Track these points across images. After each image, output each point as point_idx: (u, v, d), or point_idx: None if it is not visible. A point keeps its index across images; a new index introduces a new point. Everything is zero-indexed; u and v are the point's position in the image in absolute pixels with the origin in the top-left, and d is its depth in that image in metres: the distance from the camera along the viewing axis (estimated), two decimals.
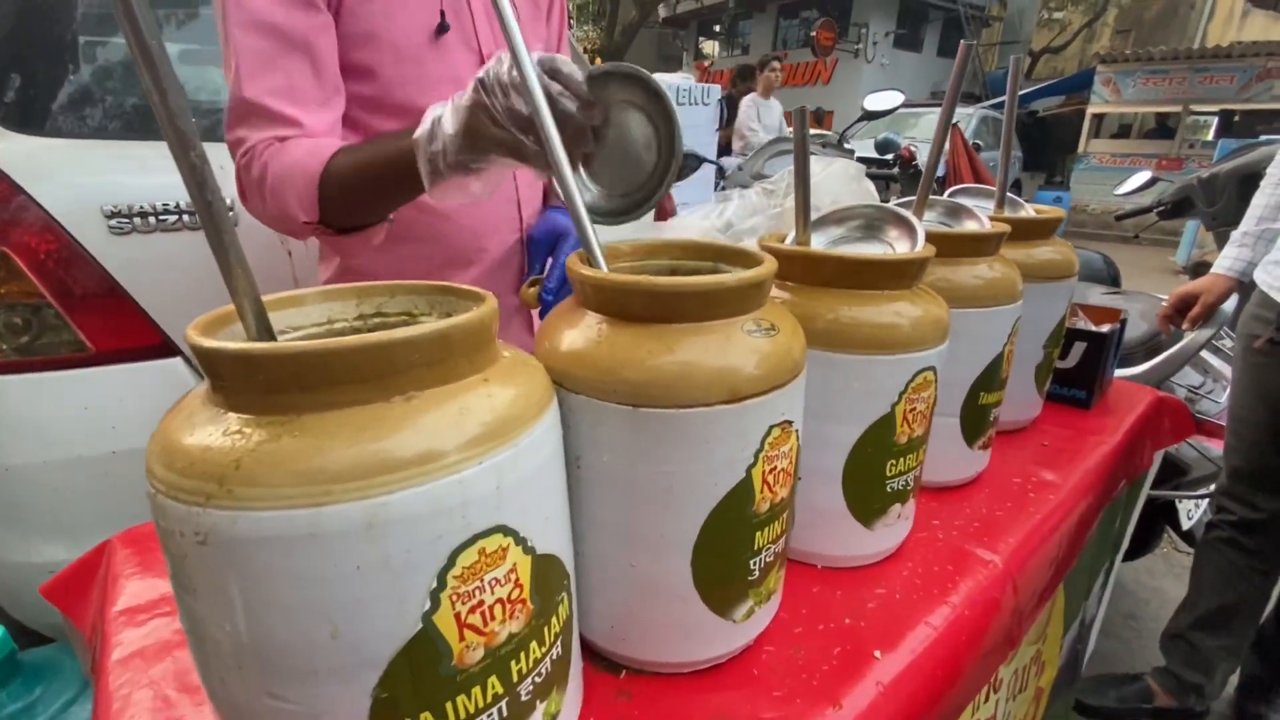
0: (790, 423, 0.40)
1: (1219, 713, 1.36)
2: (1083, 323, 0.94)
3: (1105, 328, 0.90)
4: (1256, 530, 1.17)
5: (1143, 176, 2.55)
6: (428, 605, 0.27)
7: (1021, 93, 9.44)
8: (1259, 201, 1.20)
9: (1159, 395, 0.97)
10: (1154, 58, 9.48)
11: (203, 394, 0.30)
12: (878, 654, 0.47)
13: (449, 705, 0.29)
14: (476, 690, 0.29)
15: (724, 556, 0.40)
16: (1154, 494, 1.27)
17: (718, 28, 17.38)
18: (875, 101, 2.39)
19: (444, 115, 0.51)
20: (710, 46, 18.21)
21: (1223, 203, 2.07)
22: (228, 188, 0.60)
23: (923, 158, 6.88)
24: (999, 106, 10.95)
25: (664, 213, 1.81)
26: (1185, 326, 1.27)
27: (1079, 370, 0.89)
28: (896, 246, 0.56)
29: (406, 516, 0.26)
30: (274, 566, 0.25)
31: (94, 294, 0.93)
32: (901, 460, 0.53)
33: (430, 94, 0.65)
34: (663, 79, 3.62)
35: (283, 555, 0.25)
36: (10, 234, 0.89)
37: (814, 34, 13.78)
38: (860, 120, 2.63)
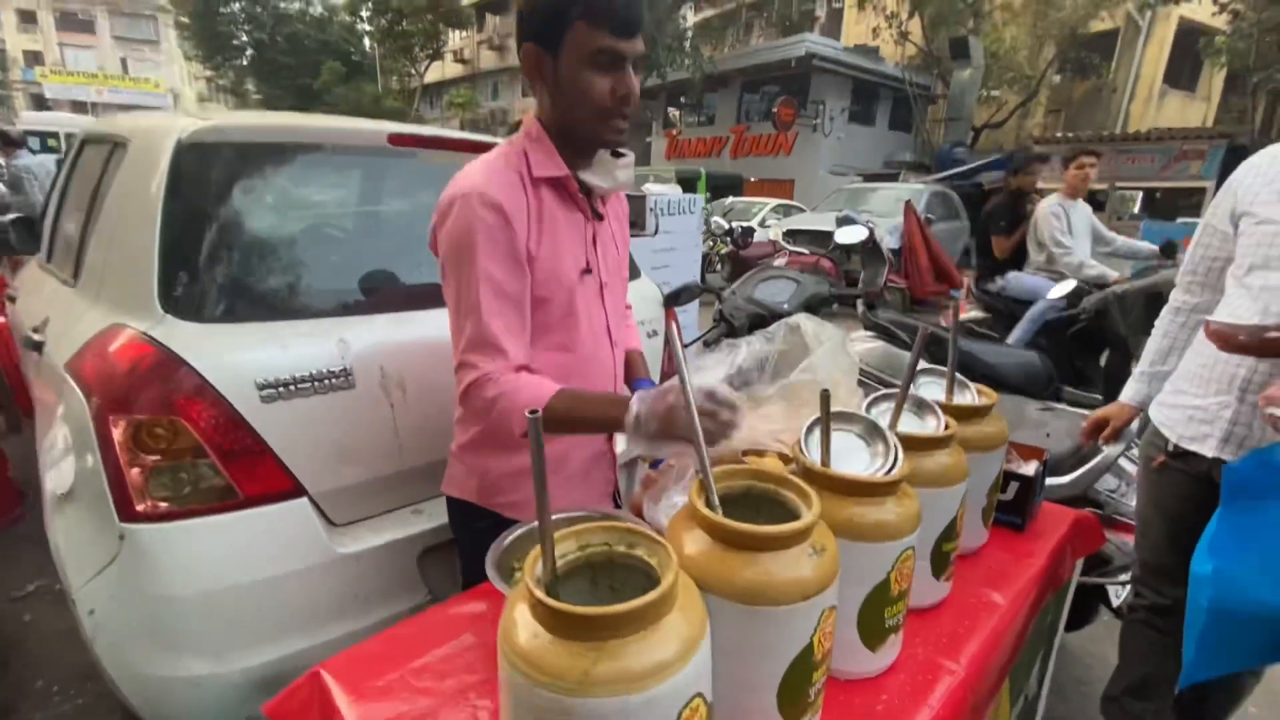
0: (834, 607, 0.66)
1: None
2: (1015, 462, 1.24)
3: (1032, 469, 1.20)
4: (1166, 613, 1.47)
5: (1067, 285, 2.98)
6: None
7: (968, 166, 10.27)
8: (1151, 345, 1.54)
9: (1076, 515, 1.27)
10: (1083, 140, 10.49)
11: (527, 614, 0.54)
12: None
13: None
14: None
15: (795, 690, 0.66)
16: (1084, 580, 1.56)
17: (684, 99, 18.46)
18: (845, 235, 2.77)
19: (643, 414, 0.86)
20: (677, 116, 19.28)
21: (1134, 315, 2.49)
22: None
23: (880, 231, 7.41)
24: (946, 180, 11.88)
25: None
26: (1100, 443, 1.60)
27: (1014, 502, 1.18)
28: (881, 449, 0.85)
29: (667, 695, 0.51)
30: None
31: (246, 451, 1.16)
32: (895, 606, 0.79)
33: (579, 310, 1.03)
34: (651, 189, 4.01)
35: None
36: (182, 405, 1.13)
37: (776, 110, 14.78)
38: (834, 249, 3.01)
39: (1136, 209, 11.19)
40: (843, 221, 7.51)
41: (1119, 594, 1.74)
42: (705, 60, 14.52)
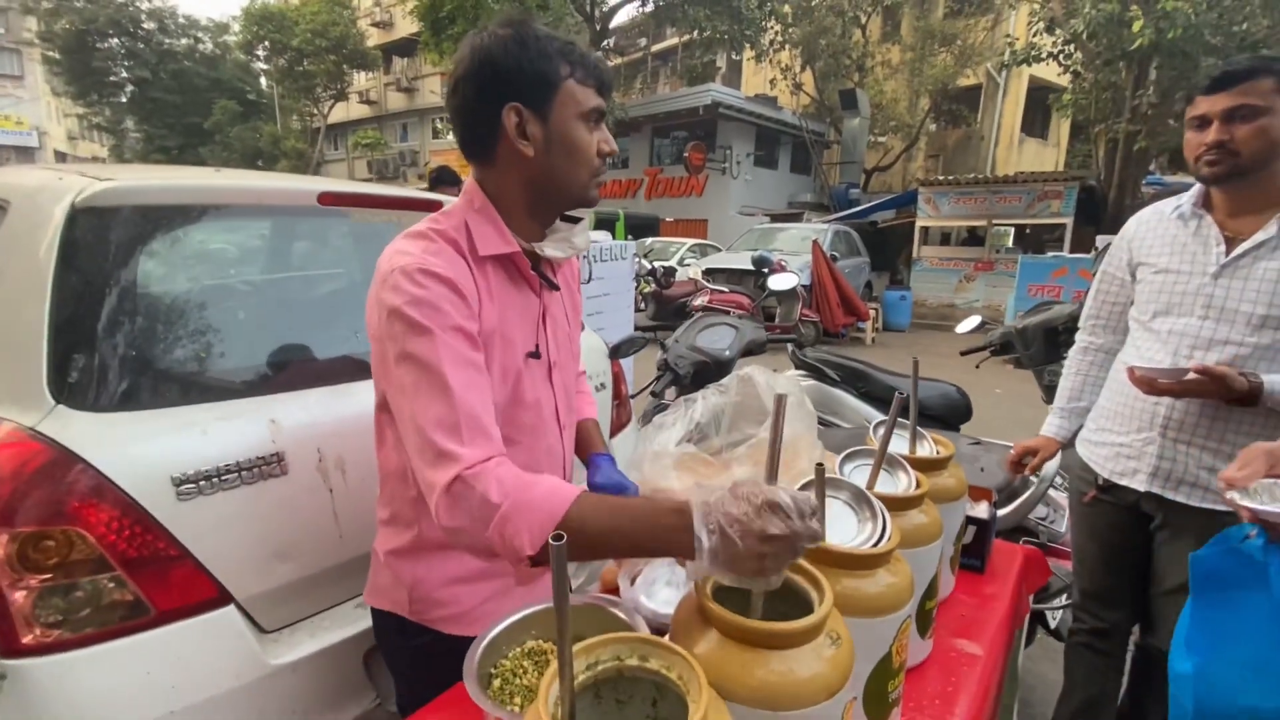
0: (855, 698, 0.64)
1: None
2: (970, 507, 1.28)
3: (985, 511, 1.25)
4: (1105, 636, 1.56)
5: (974, 321, 3.23)
6: None
7: (862, 207, 11.08)
8: (1064, 384, 1.67)
9: (1025, 551, 1.33)
10: (960, 182, 11.57)
11: None
12: None
13: None
14: None
15: None
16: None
17: None
18: (777, 283, 2.89)
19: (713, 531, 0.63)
20: None
21: (1034, 348, 2.71)
22: None
23: (790, 268, 7.78)
24: (846, 219, 12.73)
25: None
26: (1027, 474, 1.70)
27: (973, 545, 1.22)
28: (868, 515, 0.85)
29: None
30: None
31: (159, 558, 1.01)
32: (896, 678, 0.78)
33: (525, 397, 0.93)
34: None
35: None
36: (78, 510, 0.97)
37: (687, 154, 15.38)
38: (768, 295, 3.13)
39: (1010, 243, 12.49)
40: (759, 262, 7.86)
41: (1055, 616, 1.83)
42: (617, 106, 14.95)
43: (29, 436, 0.98)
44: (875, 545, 0.78)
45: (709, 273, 9.05)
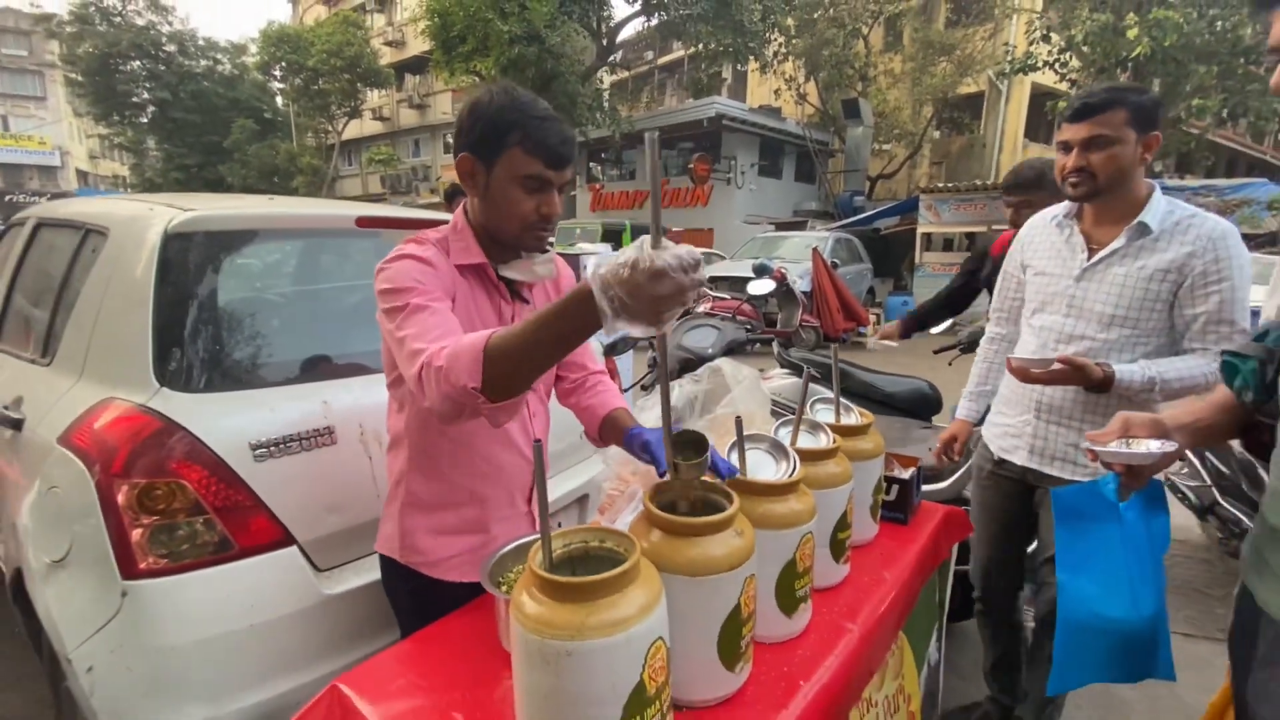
0: (754, 576, 0.90)
1: None
2: (896, 469, 1.53)
3: (908, 473, 1.50)
4: (1000, 602, 1.81)
5: (946, 322, 3.47)
6: (641, 670, 0.73)
7: (865, 214, 11.22)
8: (974, 371, 1.89)
9: (946, 510, 1.58)
10: (960, 189, 11.78)
11: (534, 591, 0.75)
12: (802, 683, 0.96)
13: (648, 710, 0.74)
14: (655, 704, 0.75)
15: (731, 640, 0.88)
16: (962, 569, 1.88)
17: (605, 155, 19.28)
18: (756, 288, 3.15)
19: (608, 278, 0.70)
20: (599, 170, 20.08)
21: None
22: None
23: (792, 275, 7.99)
24: (849, 227, 12.96)
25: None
26: (955, 458, 1.93)
27: (896, 501, 1.48)
28: (783, 459, 1.11)
29: (639, 635, 0.72)
30: (594, 664, 0.70)
31: (242, 506, 1.29)
32: (802, 579, 1.04)
33: None
34: (584, 248, 4.30)
35: (601, 656, 0.70)
36: (183, 467, 1.25)
37: (692, 166, 15.69)
38: (748, 300, 3.39)
39: None
40: (759, 270, 8.08)
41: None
42: (623, 119, 15.33)
43: (141, 411, 1.27)
44: (786, 479, 1.04)
45: (712, 280, 9.31)
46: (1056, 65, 10.69)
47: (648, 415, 1.62)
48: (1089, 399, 1.50)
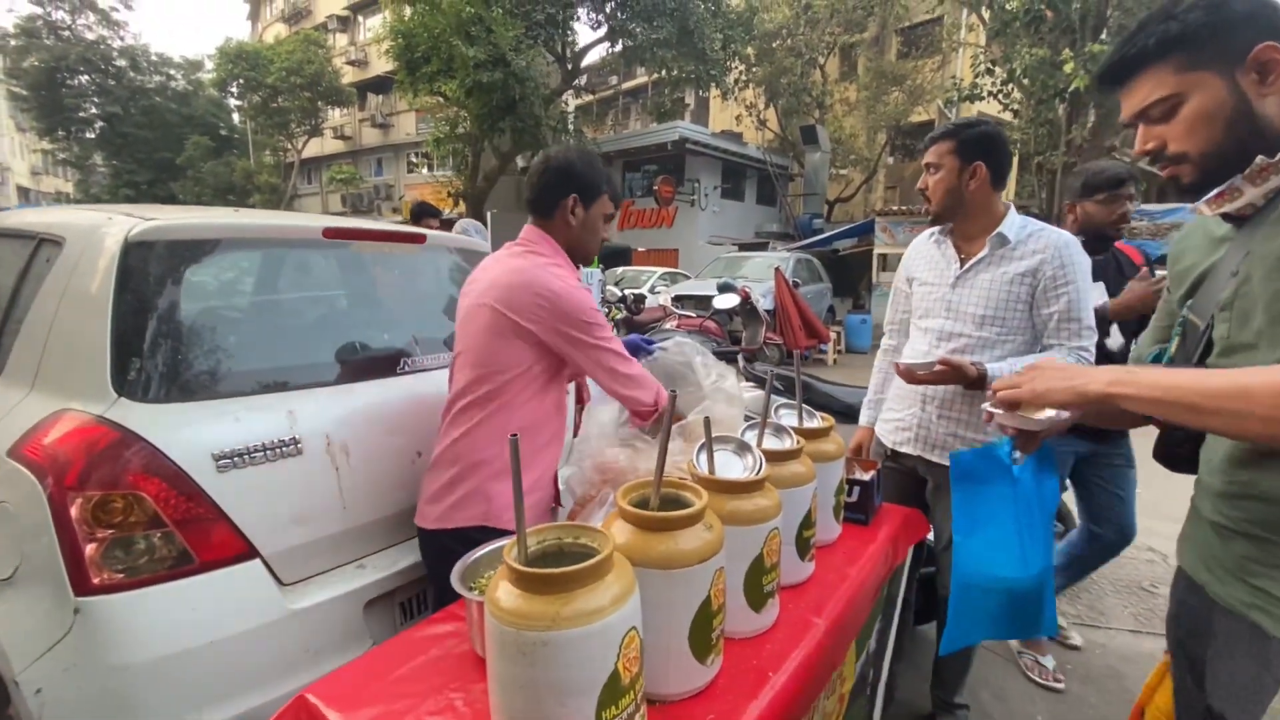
0: (723, 569, 0.93)
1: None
2: (857, 472, 1.59)
3: (869, 475, 1.56)
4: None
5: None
6: (615, 659, 0.75)
7: (824, 236, 11.50)
8: (872, 381, 2.02)
9: (906, 511, 1.64)
10: (914, 212, 12.25)
11: (509, 585, 0.76)
12: (771, 674, 0.98)
13: (622, 700, 0.76)
14: (629, 694, 0.77)
15: (702, 632, 0.91)
16: (927, 571, 1.94)
17: None
18: (722, 302, 3.23)
19: None
20: None
21: None
22: None
23: (755, 294, 8.16)
24: (808, 247, 13.32)
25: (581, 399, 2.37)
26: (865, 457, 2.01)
27: (858, 503, 1.53)
28: (750, 459, 1.15)
29: (612, 625, 0.74)
30: (569, 654, 0.72)
31: (203, 518, 1.26)
32: (769, 575, 1.07)
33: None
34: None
35: (576, 645, 0.72)
36: (140, 479, 1.22)
37: (656, 188, 15.94)
38: (713, 315, 3.47)
39: None
40: (723, 288, 8.28)
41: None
42: (589, 141, 15.50)
43: (97, 422, 1.24)
44: (752, 476, 1.08)
45: (678, 299, 9.43)
46: (1000, 96, 11.29)
47: (601, 409, 1.64)
48: (963, 394, 1.67)
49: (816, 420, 1.46)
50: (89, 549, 1.18)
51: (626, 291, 9.07)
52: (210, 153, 24.32)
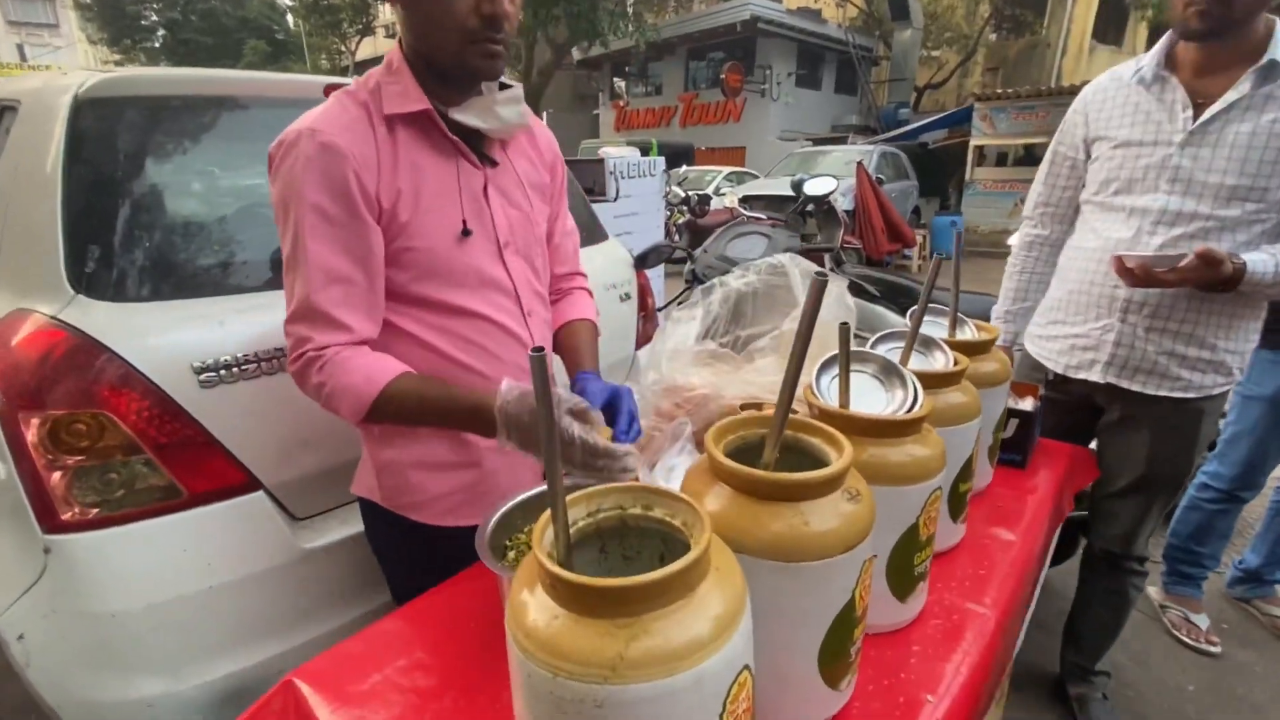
0: (875, 556, 0.60)
1: None
2: (1013, 399, 1.21)
3: (1030, 405, 1.17)
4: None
5: None
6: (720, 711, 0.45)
7: (911, 127, 10.37)
8: (1009, 285, 1.52)
9: (1071, 449, 1.25)
10: (1021, 95, 10.71)
11: (541, 595, 0.46)
12: (928, 697, 0.67)
13: None
14: None
15: (837, 650, 0.60)
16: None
17: (629, 69, 18.10)
18: (814, 187, 2.72)
19: (510, 412, 0.75)
20: (623, 87, 18.93)
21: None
22: None
23: (838, 190, 7.39)
24: (893, 140, 12.02)
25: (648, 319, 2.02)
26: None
27: (1015, 440, 1.15)
28: (900, 389, 0.79)
29: (716, 671, 0.44)
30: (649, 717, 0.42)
31: (188, 443, 1.03)
32: (923, 551, 0.74)
33: (461, 281, 0.86)
34: (609, 152, 3.88)
35: (652, 708, 0.42)
36: (107, 396, 0.99)
37: (724, 76, 14.63)
38: (801, 203, 2.97)
39: None
40: (797, 185, 7.54)
41: None
42: (648, 27, 14.20)
43: (52, 324, 0.99)
44: (907, 413, 0.73)
45: (746, 200, 8.72)
46: None
47: (682, 329, 1.30)
48: (1194, 296, 1.17)
49: (968, 329, 1.07)
50: (53, 479, 0.97)
51: (690, 193, 8.45)
52: (267, 58, 23.99)
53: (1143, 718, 1.61)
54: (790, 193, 8.25)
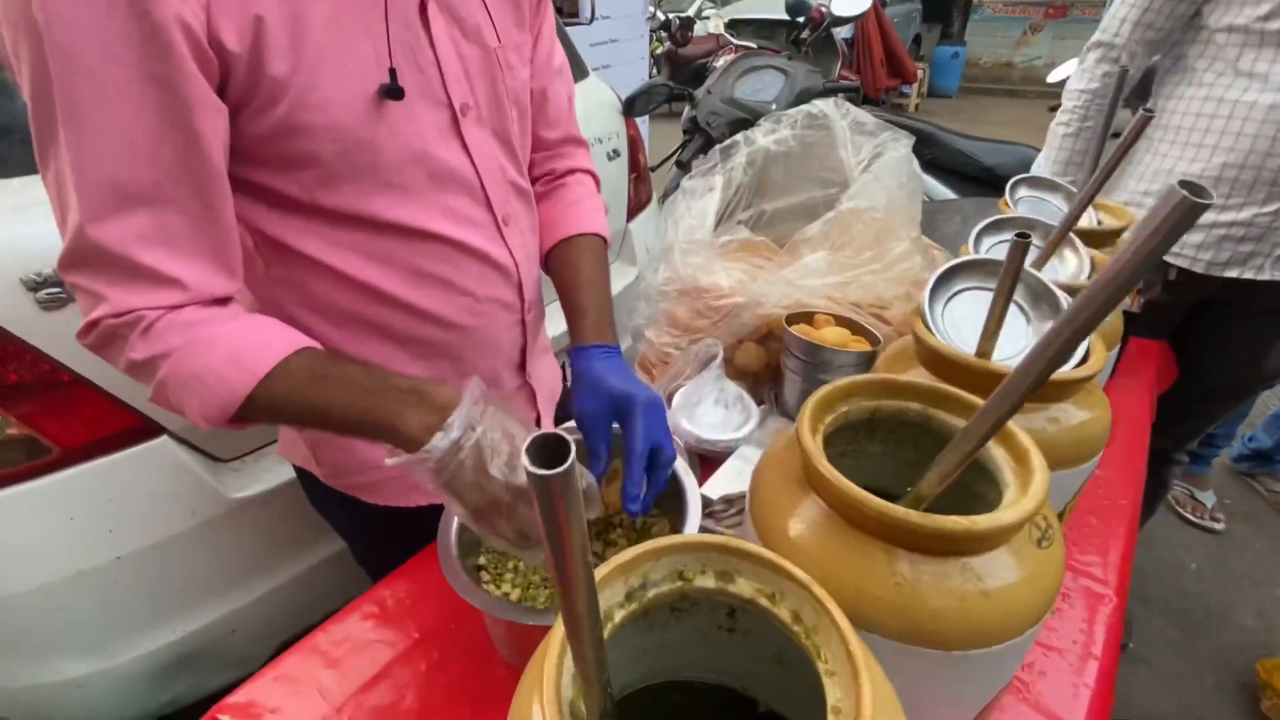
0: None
1: None
2: None
3: (1135, 306, 0.95)
4: None
5: (1070, 67, 2.61)
6: None
7: None
8: (1063, 145, 1.19)
9: (1159, 347, 1.05)
10: None
11: None
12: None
13: None
14: None
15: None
16: None
17: None
18: (843, 6, 2.22)
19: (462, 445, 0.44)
20: None
21: (1127, 91, 2.18)
22: None
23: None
24: None
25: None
26: None
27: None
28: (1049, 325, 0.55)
29: None
30: None
31: (41, 385, 0.76)
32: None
33: (384, 183, 0.52)
34: None
35: None
36: None
37: None
38: (828, 26, 2.47)
39: None
40: (795, 8, 6.62)
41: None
42: None
43: None
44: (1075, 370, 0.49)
45: (733, 25, 7.69)
46: None
47: (698, 206, 1.00)
48: None
49: (1092, 217, 0.81)
50: None
51: (670, 15, 7.42)
52: None
53: (1143, 596, 1.61)
54: (784, 17, 7.28)
